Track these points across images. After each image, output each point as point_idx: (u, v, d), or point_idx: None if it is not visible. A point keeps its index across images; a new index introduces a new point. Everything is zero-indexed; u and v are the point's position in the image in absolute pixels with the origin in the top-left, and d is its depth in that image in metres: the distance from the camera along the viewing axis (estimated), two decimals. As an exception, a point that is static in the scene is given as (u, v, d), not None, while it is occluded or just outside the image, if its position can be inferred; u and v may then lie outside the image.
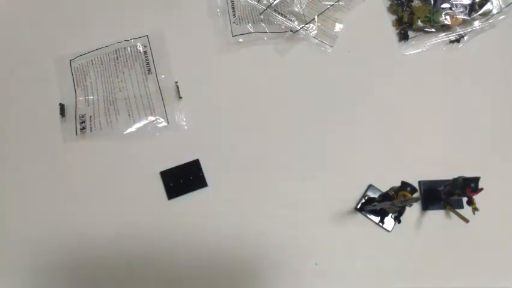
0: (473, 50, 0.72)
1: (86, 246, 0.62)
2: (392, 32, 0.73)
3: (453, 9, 0.72)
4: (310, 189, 0.65)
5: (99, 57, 0.70)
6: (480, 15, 0.72)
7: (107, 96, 0.68)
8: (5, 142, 0.67)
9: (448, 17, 0.71)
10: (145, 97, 0.68)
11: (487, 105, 0.69)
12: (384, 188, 0.61)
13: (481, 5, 0.72)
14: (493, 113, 0.69)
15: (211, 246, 0.62)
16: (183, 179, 0.64)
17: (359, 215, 0.64)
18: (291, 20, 0.71)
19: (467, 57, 0.71)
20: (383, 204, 0.57)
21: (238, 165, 0.66)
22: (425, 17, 0.71)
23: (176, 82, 0.68)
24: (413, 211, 0.63)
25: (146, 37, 0.71)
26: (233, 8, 0.72)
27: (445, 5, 0.72)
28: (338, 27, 0.72)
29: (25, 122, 0.68)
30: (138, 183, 0.65)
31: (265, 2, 0.72)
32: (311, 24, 0.71)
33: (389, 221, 0.63)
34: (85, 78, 0.69)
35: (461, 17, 0.71)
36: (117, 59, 0.70)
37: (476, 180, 0.55)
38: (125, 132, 0.66)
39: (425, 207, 0.64)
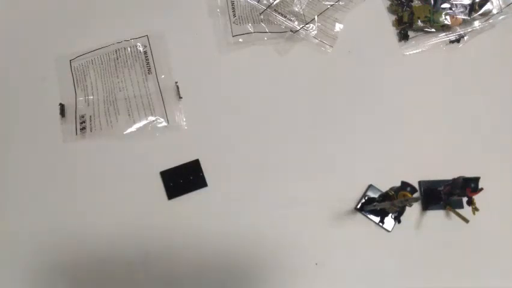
0: (473, 50, 0.72)
1: (86, 246, 0.62)
2: (392, 32, 0.73)
3: (453, 9, 0.72)
4: (310, 189, 0.65)
5: (99, 57, 0.70)
6: (480, 15, 0.72)
7: (107, 96, 0.68)
8: (5, 142, 0.67)
9: (447, 17, 0.71)
10: (145, 97, 0.68)
11: (487, 105, 0.69)
12: (384, 188, 0.61)
13: (481, 5, 0.72)
14: (493, 112, 0.69)
15: (211, 246, 0.62)
16: (183, 179, 0.64)
17: (359, 215, 0.64)
18: (291, 20, 0.71)
19: (467, 57, 0.71)
20: (383, 204, 0.57)
21: (238, 165, 0.66)
22: (425, 17, 0.71)
23: (176, 82, 0.68)
24: (413, 211, 0.63)
25: (146, 37, 0.71)
26: (233, 8, 0.72)
27: (445, 5, 0.72)
28: (338, 27, 0.72)
29: (25, 122, 0.68)
30: (138, 183, 0.65)
31: (265, 2, 0.72)
32: (311, 24, 0.71)
33: (389, 221, 0.63)
34: (85, 78, 0.69)
35: (461, 17, 0.71)
36: (117, 59, 0.70)
37: (476, 180, 0.55)
38: (125, 132, 0.66)
39: (425, 207, 0.64)
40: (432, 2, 0.72)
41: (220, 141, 0.67)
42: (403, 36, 0.72)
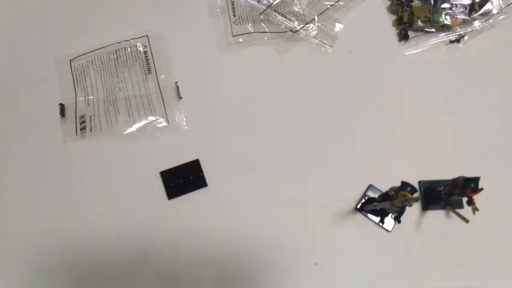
0: (473, 50, 0.72)
1: (86, 246, 0.62)
2: (392, 32, 0.73)
3: (453, 9, 0.72)
4: (310, 189, 0.65)
5: (99, 57, 0.70)
6: (480, 15, 0.72)
7: (107, 96, 0.68)
8: (5, 142, 0.67)
9: (448, 17, 0.71)
10: (145, 97, 0.68)
11: (487, 105, 0.69)
12: (384, 188, 0.61)
13: (481, 5, 0.72)
14: (493, 112, 0.69)
15: (211, 246, 0.62)
16: (183, 179, 0.64)
17: (359, 215, 0.64)
18: (291, 20, 0.71)
19: (467, 57, 0.71)
20: (383, 204, 0.57)
21: (238, 165, 0.66)
22: (425, 17, 0.71)
23: (176, 82, 0.68)
24: (413, 211, 0.63)
25: (146, 37, 0.71)
26: (233, 8, 0.72)
27: (445, 5, 0.72)
28: (338, 27, 0.72)
29: (25, 122, 0.68)
30: (138, 183, 0.65)
31: (265, 2, 0.72)
32: (311, 24, 0.71)
33: (389, 221, 0.63)
34: (85, 78, 0.69)
35: (461, 17, 0.71)
36: (117, 59, 0.70)
37: (476, 180, 0.55)
38: (125, 132, 0.66)
39: (425, 207, 0.64)
40: (432, 2, 0.72)
41: (220, 141, 0.67)
42: (403, 36, 0.72)
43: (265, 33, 0.71)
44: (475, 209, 0.57)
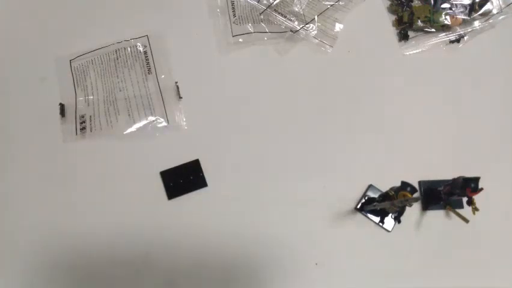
0: (473, 50, 0.72)
1: (86, 246, 0.62)
2: (392, 32, 0.73)
3: (453, 9, 0.72)
4: (310, 189, 0.65)
5: (99, 57, 0.70)
6: (480, 15, 0.72)
7: (107, 96, 0.68)
8: (5, 142, 0.67)
9: (448, 17, 0.71)
10: (145, 97, 0.68)
11: (486, 105, 0.69)
12: (384, 188, 0.61)
13: (481, 5, 0.72)
14: (492, 113, 0.69)
15: (211, 246, 0.62)
16: (183, 179, 0.64)
17: (359, 215, 0.64)
18: (291, 20, 0.71)
19: (467, 57, 0.71)
20: (383, 204, 0.57)
21: (238, 165, 0.66)
22: (425, 17, 0.71)
23: (176, 82, 0.68)
24: (413, 211, 0.63)
25: (146, 37, 0.71)
26: (233, 8, 0.72)
27: (445, 5, 0.72)
28: (338, 27, 0.72)
29: (25, 122, 0.68)
30: (138, 183, 0.65)
31: (265, 2, 0.72)
32: (311, 24, 0.71)
33: (389, 221, 0.63)
34: (85, 78, 0.69)
35: (461, 17, 0.71)
36: (117, 59, 0.70)
37: (476, 180, 0.55)
38: (125, 132, 0.66)
39: (425, 207, 0.64)
40: (432, 2, 0.72)
41: (220, 141, 0.67)
42: (403, 36, 0.72)
43: (265, 33, 0.71)
44: (475, 209, 0.57)
